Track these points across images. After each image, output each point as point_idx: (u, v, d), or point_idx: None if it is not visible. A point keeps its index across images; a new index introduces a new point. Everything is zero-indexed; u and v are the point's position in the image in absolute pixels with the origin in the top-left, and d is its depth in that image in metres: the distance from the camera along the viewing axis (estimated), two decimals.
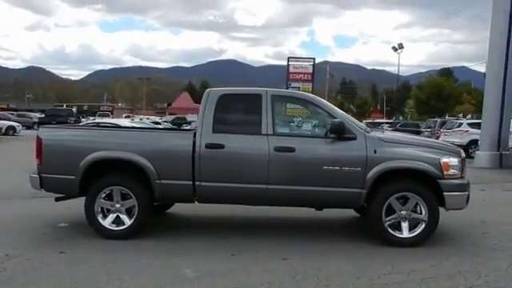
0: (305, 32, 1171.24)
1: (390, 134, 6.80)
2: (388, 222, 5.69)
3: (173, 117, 49.13)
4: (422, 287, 4.38)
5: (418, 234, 5.69)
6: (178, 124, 31.52)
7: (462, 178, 5.84)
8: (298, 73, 44.00)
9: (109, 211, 5.93)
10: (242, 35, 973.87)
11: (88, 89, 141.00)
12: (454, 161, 5.75)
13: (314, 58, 45.86)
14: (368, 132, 5.94)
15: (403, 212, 5.71)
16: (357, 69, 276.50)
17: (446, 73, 76.23)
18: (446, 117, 36.83)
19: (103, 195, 5.88)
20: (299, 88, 43.59)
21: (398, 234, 5.69)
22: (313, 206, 6.17)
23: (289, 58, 43.77)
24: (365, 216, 7.02)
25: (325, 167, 5.68)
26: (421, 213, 5.72)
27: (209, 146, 5.76)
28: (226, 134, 5.86)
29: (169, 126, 22.85)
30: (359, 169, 5.65)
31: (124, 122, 14.10)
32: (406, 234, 5.70)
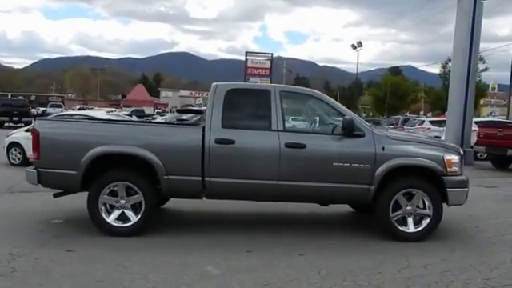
0: (257, 27, 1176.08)
1: (394, 132, 6.95)
2: (395, 218, 5.84)
3: (130, 109, 47.81)
4: (442, 280, 4.52)
5: (423, 229, 5.86)
6: (140, 117, 30.82)
7: (461, 174, 6.07)
8: (256, 67, 43.96)
9: (112, 207, 5.73)
10: (194, 28, 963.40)
11: (34, 78, 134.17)
12: (455, 158, 5.96)
13: (271, 54, 45.83)
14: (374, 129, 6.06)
15: (409, 207, 5.86)
16: (309, 65, 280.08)
17: (395, 71, 78.73)
18: (407, 114, 38.12)
19: (107, 191, 5.68)
20: (257, 83, 43.73)
21: (404, 229, 5.85)
22: (322, 201, 6.23)
23: (247, 52, 43.62)
24: (361, 211, 7.21)
25: (335, 164, 5.74)
26: (425, 208, 5.90)
27: (219, 142, 5.67)
28: (236, 129, 5.79)
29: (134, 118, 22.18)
30: (368, 165, 5.75)
31: (99, 114, 13.59)
32: (411, 228, 5.86)
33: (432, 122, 20.60)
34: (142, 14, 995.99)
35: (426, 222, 5.87)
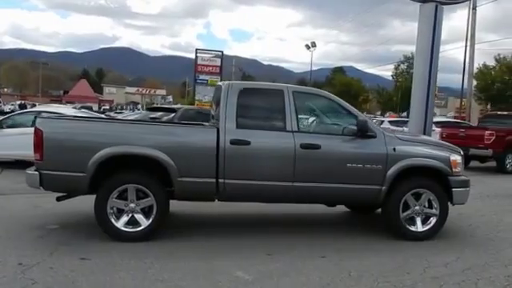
0: (201, 24, 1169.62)
1: (402, 134, 7.08)
2: (404, 218, 5.95)
3: (77, 105, 45.84)
4: (469, 279, 4.65)
5: (430, 228, 6.02)
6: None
7: (462, 175, 6.28)
8: (207, 65, 43.25)
9: (121, 211, 5.44)
10: (136, 23, 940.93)
11: None
12: (459, 158, 6.18)
13: (221, 51, 45.41)
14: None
15: (417, 207, 6.00)
16: (254, 64, 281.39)
17: (339, 71, 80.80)
18: (365, 114, 39.13)
19: (116, 194, 5.39)
20: (207, 81, 43.13)
21: (413, 229, 5.98)
22: (334, 202, 6.25)
23: (197, 49, 42.86)
24: (355, 211, 7.32)
25: (348, 164, 5.76)
26: (431, 208, 6.05)
27: (234, 142, 5.53)
28: (251, 129, 5.68)
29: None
30: (380, 166, 5.82)
31: (69, 111, 12.84)
32: (420, 228, 6.00)
33: (391, 122, 21.32)
34: (82, 7, 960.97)
35: (433, 221, 6.02)
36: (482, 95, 31.18)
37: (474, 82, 30.00)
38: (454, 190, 6.05)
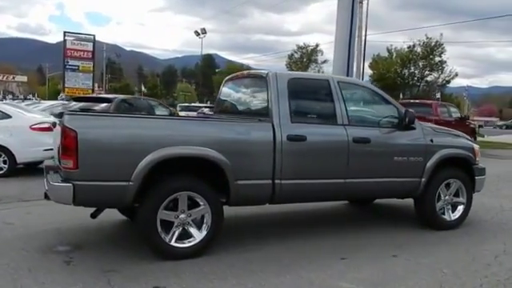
0: (53, 4, 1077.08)
1: (434, 125, 7.07)
2: (438, 208, 6.00)
3: None
4: None
5: (459, 217, 6.16)
6: None
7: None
8: (77, 50, 39.87)
9: (169, 224, 4.58)
10: None
11: None
12: (478, 147, 6.42)
13: (93, 35, 42.29)
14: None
15: (447, 197, 6.09)
16: (115, 49, 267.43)
17: (209, 59, 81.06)
18: None
19: (165, 205, 4.51)
20: (78, 67, 39.67)
21: (447, 218, 6.07)
22: (380, 197, 6.02)
23: (65, 32, 39.62)
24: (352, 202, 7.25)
25: (395, 158, 5.61)
26: (458, 196, 6.19)
27: (291, 139, 4.99)
28: (305, 124, 5.19)
29: None
30: (421, 158, 5.77)
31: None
32: (451, 217, 6.11)
33: None
34: None
35: (461, 209, 6.17)
36: (376, 84, 33.77)
37: (370, 72, 32.31)
38: (476, 178, 6.26)
